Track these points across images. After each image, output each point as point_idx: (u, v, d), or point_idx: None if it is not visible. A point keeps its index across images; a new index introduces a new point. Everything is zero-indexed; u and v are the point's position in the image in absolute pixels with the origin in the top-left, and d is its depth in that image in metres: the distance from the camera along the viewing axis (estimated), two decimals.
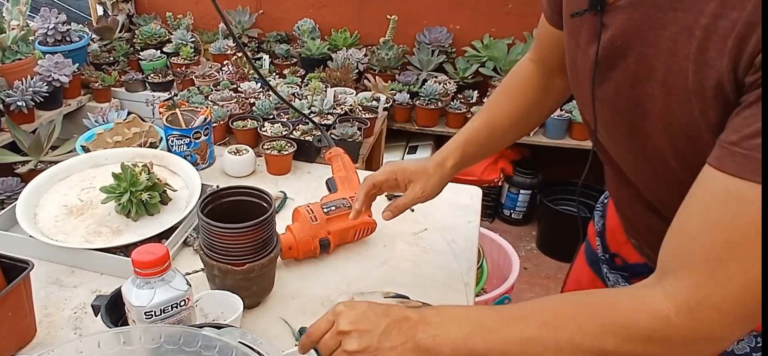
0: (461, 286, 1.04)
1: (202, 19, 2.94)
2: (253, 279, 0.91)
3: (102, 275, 1.03)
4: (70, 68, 2.07)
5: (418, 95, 2.59)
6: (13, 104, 1.87)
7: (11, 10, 2.06)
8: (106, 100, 2.28)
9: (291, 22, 2.88)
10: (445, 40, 2.74)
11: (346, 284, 1.03)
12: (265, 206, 0.92)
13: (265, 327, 0.92)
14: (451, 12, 2.77)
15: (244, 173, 1.41)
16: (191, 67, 2.38)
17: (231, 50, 2.51)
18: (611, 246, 0.95)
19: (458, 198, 1.35)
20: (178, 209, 1.16)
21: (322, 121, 1.74)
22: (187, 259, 1.09)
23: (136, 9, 3.03)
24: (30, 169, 1.60)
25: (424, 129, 2.63)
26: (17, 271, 0.82)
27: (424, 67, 2.72)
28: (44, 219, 1.12)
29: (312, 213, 1.08)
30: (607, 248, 0.96)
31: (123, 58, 2.54)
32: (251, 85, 1.99)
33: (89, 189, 1.21)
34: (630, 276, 0.90)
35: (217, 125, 1.65)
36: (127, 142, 1.43)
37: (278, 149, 1.43)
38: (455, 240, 1.18)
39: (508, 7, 2.71)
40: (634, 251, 0.88)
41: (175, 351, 0.64)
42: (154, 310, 0.74)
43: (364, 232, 1.14)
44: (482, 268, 1.94)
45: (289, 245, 1.05)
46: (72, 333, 0.90)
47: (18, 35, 2.01)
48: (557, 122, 2.51)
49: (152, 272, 0.74)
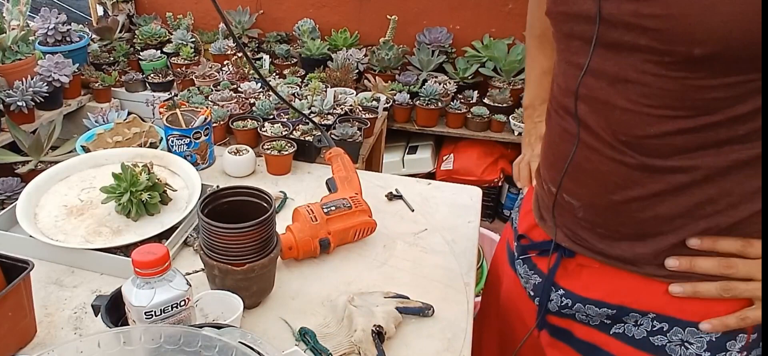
0: (461, 286, 1.04)
1: (202, 19, 2.94)
2: (253, 279, 0.91)
3: (102, 275, 1.03)
4: (70, 68, 2.07)
5: (418, 95, 2.59)
6: (13, 104, 1.87)
7: (11, 10, 2.06)
8: (106, 100, 2.28)
9: (291, 22, 2.88)
10: (445, 41, 2.74)
11: (346, 284, 1.03)
12: (265, 206, 0.92)
13: (265, 327, 0.92)
14: (451, 12, 2.77)
15: (244, 173, 1.41)
16: (191, 68, 2.38)
17: (231, 50, 2.51)
18: (520, 228, 0.99)
19: (458, 198, 1.35)
20: (178, 209, 1.16)
21: (322, 121, 1.74)
22: (187, 259, 1.09)
23: (136, 9, 3.03)
24: (30, 169, 1.60)
25: (424, 129, 2.63)
26: (17, 271, 0.82)
27: (424, 68, 2.72)
28: (44, 219, 1.12)
29: (312, 213, 1.08)
30: (517, 232, 0.99)
31: (123, 58, 2.54)
32: (251, 86, 2.00)
33: (89, 189, 1.21)
34: (537, 253, 0.93)
35: (217, 125, 1.65)
36: (127, 142, 1.43)
37: (278, 149, 1.43)
38: (455, 240, 1.18)
39: (509, 8, 2.72)
40: (538, 229, 0.92)
41: (175, 351, 0.64)
42: (154, 310, 0.74)
43: (364, 232, 1.14)
44: (482, 268, 1.94)
45: (289, 245, 1.05)
46: (72, 333, 0.90)
47: (18, 35, 2.01)
48: None
49: (152, 272, 0.74)
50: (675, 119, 0.66)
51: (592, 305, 0.84)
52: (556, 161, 0.83)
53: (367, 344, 0.85)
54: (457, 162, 2.72)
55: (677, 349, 0.77)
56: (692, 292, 0.74)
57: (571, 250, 0.85)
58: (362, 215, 1.13)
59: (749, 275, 0.71)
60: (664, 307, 0.77)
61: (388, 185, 1.37)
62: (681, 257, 0.74)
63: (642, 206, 0.73)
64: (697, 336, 0.76)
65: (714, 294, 0.73)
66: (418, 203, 1.32)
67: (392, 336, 0.90)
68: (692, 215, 0.71)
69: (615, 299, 0.81)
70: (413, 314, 0.95)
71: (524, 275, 0.96)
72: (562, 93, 0.79)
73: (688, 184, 0.69)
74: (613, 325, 0.83)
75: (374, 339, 0.86)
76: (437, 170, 2.78)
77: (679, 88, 0.64)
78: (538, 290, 0.92)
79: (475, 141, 2.67)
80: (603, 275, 0.82)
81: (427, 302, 0.97)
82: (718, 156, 0.66)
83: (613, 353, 0.83)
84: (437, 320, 0.95)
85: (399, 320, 0.92)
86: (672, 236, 0.73)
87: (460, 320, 0.96)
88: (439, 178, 2.62)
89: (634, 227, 0.75)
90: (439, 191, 1.38)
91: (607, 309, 0.82)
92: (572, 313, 0.87)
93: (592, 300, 0.83)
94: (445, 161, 2.76)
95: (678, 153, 0.68)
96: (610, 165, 0.74)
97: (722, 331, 0.75)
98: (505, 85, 2.60)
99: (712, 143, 0.66)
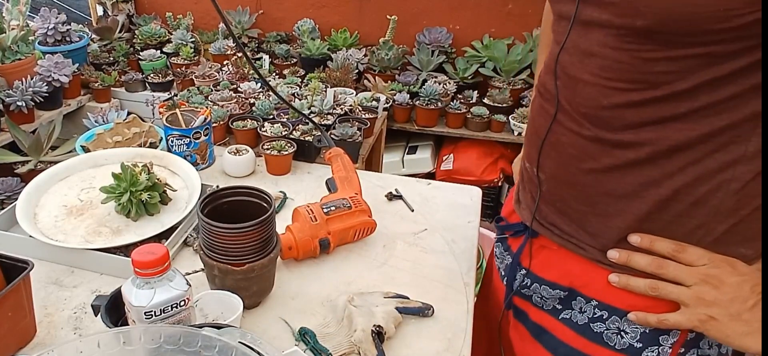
0: (461, 286, 1.04)
1: (202, 19, 2.94)
2: (253, 279, 0.91)
3: (102, 275, 1.03)
4: (69, 68, 2.07)
5: (417, 95, 2.59)
6: (13, 104, 1.87)
7: (11, 10, 2.06)
8: (106, 100, 2.28)
9: (291, 22, 2.88)
10: (445, 41, 2.74)
11: (346, 284, 1.03)
12: (265, 206, 0.92)
13: (265, 327, 0.92)
14: (451, 12, 2.77)
15: (244, 173, 1.41)
16: (191, 68, 2.38)
17: (231, 50, 2.51)
18: (502, 213, 1.04)
19: (458, 198, 1.35)
20: (178, 209, 1.16)
21: (321, 121, 1.74)
22: (187, 259, 1.09)
23: (136, 9, 3.03)
24: (30, 169, 1.60)
25: (424, 129, 2.63)
26: (17, 271, 0.82)
27: (423, 68, 2.72)
28: (44, 219, 1.12)
29: (312, 213, 1.08)
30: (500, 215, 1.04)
31: (123, 58, 2.54)
32: (251, 86, 2.00)
33: (89, 189, 1.21)
34: (511, 234, 0.97)
35: (217, 125, 1.65)
36: (127, 142, 1.43)
37: (278, 149, 1.43)
38: (455, 240, 1.18)
39: (508, 8, 2.72)
40: (515, 215, 0.95)
41: (175, 351, 0.64)
42: (154, 310, 0.74)
43: (364, 232, 1.14)
44: (482, 268, 1.94)
45: (289, 245, 1.05)
46: (72, 333, 0.90)
47: (18, 35, 2.00)
48: None
49: (152, 272, 0.74)
50: (626, 91, 0.70)
51: (547, 286, 0.88)
52: (532, 137, 0.87)
53: (367, 344, 0.85)
54: (457, 162, 2.72)
55: (613, 337, 0.81)
56: (625, 284, 0.78)
57: (535, 231, 0.89)
58: (362, 215, 1.13)
59: (677, 278, 0.74)
60: (606, 295, 0.81)
61: (388, 185, 1.37)
62: (621, 250, 0.77)
63: (594, 181, 0.77)
64: (632, 326, 0.80)
65: (642, 290, 0.77)
66: (418, 203, 1.32)
67: (392, 336, 0.90)
68: (638, 196, 0.74)
69: (566, 281, 0.85)
70: (413, 314, 0.95)
71: (500, 256, 1.01)
72: (545, 71, 0.83)
73: (634, 161, 0.73)
74: (562, 311, 0.87)
75: (374, 339, 0.86)
76: (437, 170, 2.78)
77: (630, 60, 0.69)
78: (507, 270, 0.96)
79: (474, 141, 2.67)
80: (559, 257, 0.86)
81: (427, 302, 0.97)
82: (662, 133, 0.70)
83: (558, 336, 0.88)
84: (437, 320, 0.95)
85: (399, 320, 0.92)
86: (618, 219, 0.76)
87: (460, 320, 0.96)
88: (439, 178, 2.62)
89: (586, 203, 0.79)
90: (439, 191, 1.38)
91: (559, 291, 0.86)
92: (530, 294, 0.92)
93: (547, 280, 0.88)
94: (444, 161, 2.76)
95: (627, 128, 0.72)
96: (570, 137, 0.78)
97: (644, 325, 0.78)
98: (505, 86, 2.60)
99: (656, 120, 0.69)
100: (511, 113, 2.55)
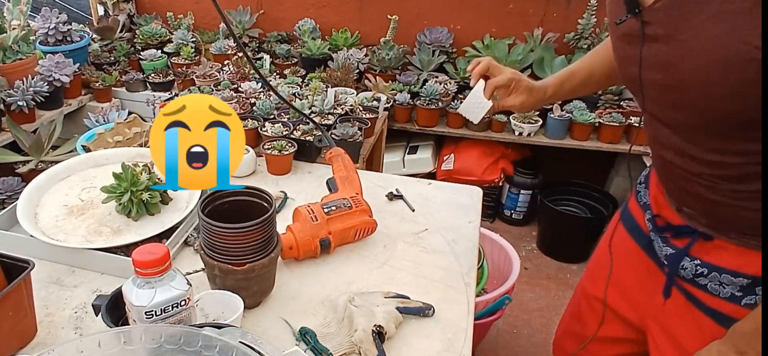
0: (461, 286, 1.04)
1: (202, 19, 2.94)
2: (254, 279, 0.91)
3: (102, 274, 1.03)
4: (70, 68, 2.07)
5: (418, 95, 2.59)
6: (14, 103, 1.87)
7: (12, 10, 2.06)
8: (107, 100, 2.28)
9: (291, 22, 2.88)
10: (445, 41, 2.74)
11: (346, 284, 1.03)
12: (266, 206, 0.92)
13: (265, 327, 0.92)
14: (452, 12, 2.77)
15: (245, 173, 1.41)
16: (192, 67, 2.38)
17: (231, 50, 2.51)
18: (654, 209, 1.02)
19: (458, 198, 1.35)
20: (178, 208, 1.16)
21: (322, 121, 1.74)
22: (188, 259, 1.09)
23: (137, 9, 3.03)
24: (30, 169, 1.60)
25: (424, 129, 2.63)
26: (18, 271, 0.82)
27: (424, 68, 2.72)
28: (45, 219, 1.12)
29: (312, 213, 1.08)
30: (651, 210, 1.02)
31: (124, 58, 2.54)
32: (252, 85, 1.99)
33: (90, 189, 1.21)
34: (673, 235, 0.96)
35: None
36: (128, 142, 1.43)
37: (279, 149, 1.43)
38: (456, 240, 1.18)
39: (509, 7, 2.71)
40: (675, 214, 0.95)
41: (176, 350, 0.64)
42: (154, 310, 0.74)
43: (365, 232, 1.14)
44: (482, 268, 1.93)
45: (290, 245, 1.05)
46: (72, 332, 0.90)
47: (19, 35, 2.01)
48: (558, 123, 2.51)
49: (153, 271, 0.74)
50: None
51: (728, 274, 0.88)
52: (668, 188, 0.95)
53: (368, 344, 0.85)
54: (458, 162, 2.72)
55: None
56: None
57: (708, 235, 0.90)
58: (363, 215, 1.13)
59: None
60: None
61: (389, 185, 1.37)
62: None
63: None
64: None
65: None
66: (419, 203, 1.32)
67: (393, 336, 0.90)
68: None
69: (750, 270, 0.86)
70: (414, 314, 0.95)
71: (657, 248, 1.00)
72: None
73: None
74: (744, 297, 0.87)
75: (374, 339, 0.86)
76: (438, 170, 2.78)
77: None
78: (670, 259, 0.96)
79: (475, 141, 2.67)
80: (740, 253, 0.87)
81: (427, 302, 0.97)
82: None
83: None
84: (438, 320, 0.95)
85: (399, 320, 0.92)
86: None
87: (461, 320, 0.96)
88: (440, 178, 2.62)
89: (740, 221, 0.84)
90: (439, 191, 1.38)
91: (742, 279, 0.87)
92: (705, 283, 0.91)
93: (727, 269, 0.88)
94: (445, 161, 2.76)
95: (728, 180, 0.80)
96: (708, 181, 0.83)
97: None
98: None
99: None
100: (512, 112, 2.55)
